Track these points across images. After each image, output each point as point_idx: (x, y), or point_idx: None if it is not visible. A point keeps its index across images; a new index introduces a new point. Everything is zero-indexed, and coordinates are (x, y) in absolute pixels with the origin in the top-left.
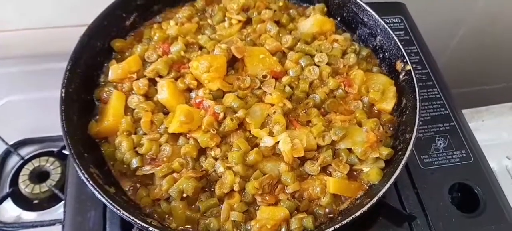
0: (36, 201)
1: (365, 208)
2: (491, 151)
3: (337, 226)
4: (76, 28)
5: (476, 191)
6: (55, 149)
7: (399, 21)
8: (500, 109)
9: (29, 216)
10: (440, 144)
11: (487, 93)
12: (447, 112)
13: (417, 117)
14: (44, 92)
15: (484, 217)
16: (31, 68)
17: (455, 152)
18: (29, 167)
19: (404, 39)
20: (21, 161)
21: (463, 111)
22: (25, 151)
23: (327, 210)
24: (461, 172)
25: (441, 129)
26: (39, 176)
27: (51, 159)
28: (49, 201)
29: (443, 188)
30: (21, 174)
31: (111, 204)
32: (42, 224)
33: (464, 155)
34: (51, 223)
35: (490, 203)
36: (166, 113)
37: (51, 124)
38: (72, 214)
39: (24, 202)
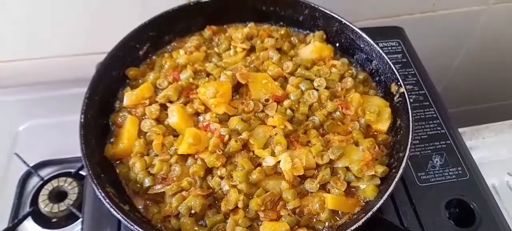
0: (54, 220)
1: (360, 222)
2: (492, 168)
3: None
4: (90, 56)
5: (472, 206)
6: (72, 170)
7: (397, 44)
8: (499, 127)
9: None
10: (437, 161)
11: (490, 111)
12: (444, 131)
13: (410, 136)
14: (61, 117)
15: None
16: (49, 94)
17: (451, 169)
18: (48, 187)
19: (402, 61)
20: (41, 182)
21: (463, 129)
22: (45, 172)
23: (326, 224)
24: (457, 188)
25: (437, 147)
26: (58, 195)
27: (69, 180)
28: (67, 219)
29: (440, 203)
30: (41, 194)
31: (125, 220)
32: None
33: (460, 171)
34: None
35: (486, 218)
36: (176, 136)
37: (68, 146)
38: None
39: (43, 220)
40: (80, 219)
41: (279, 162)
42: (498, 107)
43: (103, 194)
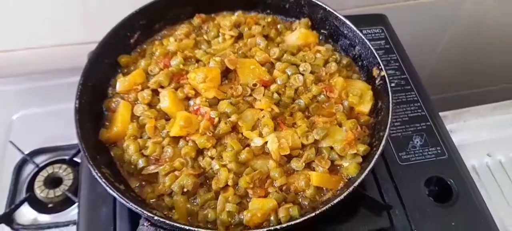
0: (50, 205)
1: (342, 196)
2: (473, 149)
3: (318, 212)
4: (83, 45)
5: (449, 183)
6: (67, 157)
7: (380, 31)
8: (480, 110)
9: (45, 218)
10: (417, 141)
11: (473, 97)
12: (424, 113)
13: (390, 116)
14: (55, 105)
15: (457, 206)
16: (42, 84)
17: (430, 149)
18: (43, 173)
19: (385, 47)
20: (36, 169)
21: (446, 113)
22: (40, 159)
23: (311, 199)
24: (436, 166)
25: (418, 128)
26: (53, 181)
27: (64, 166)
28: (63, 204)
29: (419, 181)
30: (36, 180)
31: (121, 197)
32: (56, 225)
33: (439, 151)
34: (65, 224)
35: (462, 194)
36: (167, 119)
37: (63, 134)
38: (85, 213)
39: (39, 206)
40: (76, 204)
41: (266, 142)
42: (481, 93)
43: (99, 174)
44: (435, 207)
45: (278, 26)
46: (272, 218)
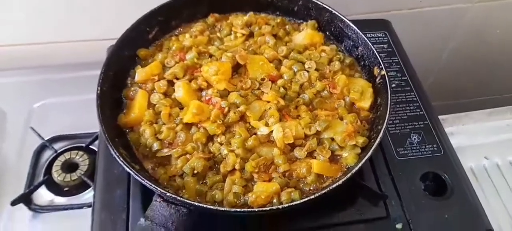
0: (66, 188)
1: (340, 182)
2: (471, 152)
3: (317, 194)
4: (103, 41)
5: (443, 178)
6: (83, 144)
7: (383, 35)
8: (477, 115)
9: (61, 200)
10: (415, 139)
11: (475, 105)
12: (422, 113)
13: (388, 110)
14: (74, 96)
15: (451, 200)
16: (62, 76)
17: (427, 146)
18: (61, 159)
19: (387, 51)
20: (55, 154)
21: (445, 116)
22: (58, 145)
23: (312, 186)
24: (432, 162)
25: (416, 126)
26: (70, 166)
27: (80, 153)
28: (78, 188)
29: (415, 175)
30: (54, 164)
31: (137, 175)
32: (71, 207)
33: (435, 148)
34: (80, 206)
35: (456, 189)
36: (181, 108)
37: (80, 123)
38: (101, 194)
39: (56, 188)
40: (90, 188)
41: (272, 131)
42: (484, 101)
43: (117, 154)
44: (429, 200)
45: (287, 26)
46: (274, 200)
